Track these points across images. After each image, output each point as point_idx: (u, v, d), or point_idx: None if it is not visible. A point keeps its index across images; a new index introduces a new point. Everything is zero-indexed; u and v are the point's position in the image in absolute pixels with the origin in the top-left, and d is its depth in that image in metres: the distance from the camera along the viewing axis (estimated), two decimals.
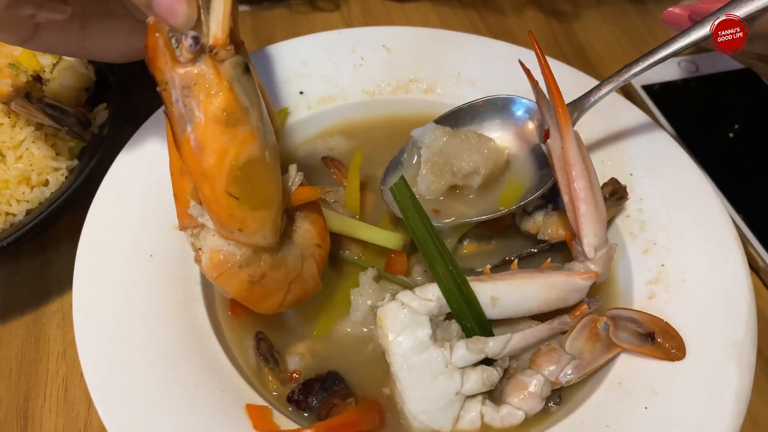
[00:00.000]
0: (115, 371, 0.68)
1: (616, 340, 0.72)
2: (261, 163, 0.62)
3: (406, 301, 0.70)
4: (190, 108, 0.58)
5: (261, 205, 0.63)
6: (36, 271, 0.87)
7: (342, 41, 0.99)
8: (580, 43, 1.22)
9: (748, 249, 0.92)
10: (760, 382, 0.82)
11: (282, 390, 0.72)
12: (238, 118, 0.59)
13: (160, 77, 0.58)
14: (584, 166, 0.75)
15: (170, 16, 0.56)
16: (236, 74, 0.59)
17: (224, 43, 0.57)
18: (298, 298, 0.71)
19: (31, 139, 0.85)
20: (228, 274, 0.65)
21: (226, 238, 0.64)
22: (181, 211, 0.66)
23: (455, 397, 0.68)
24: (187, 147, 0.59)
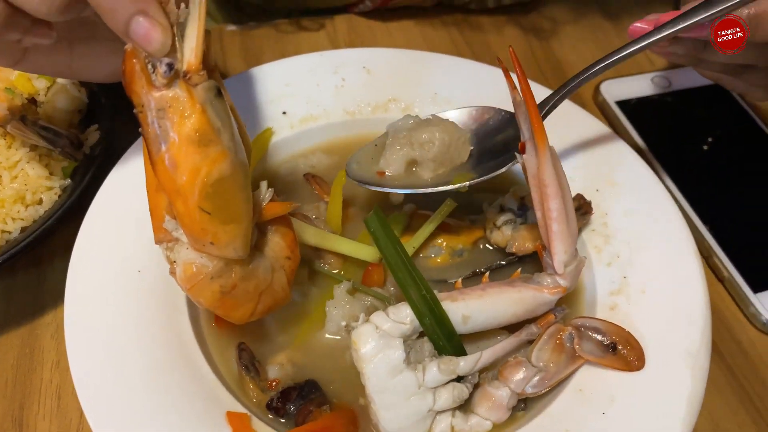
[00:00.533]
0: (104, 380, 0.71)
1: (580, 351, 0.76)
2: (232, 179, 0.66)
3: (379, 324, 0.71)
4: (164, 129, 0.62)
5: (232, 220, 0.67)
6: (31, 285, 0.91)
7: (324, 63, 1.03)
8: (558, 61, 1.26)
9: (714, 260, 0.96)
10: (722, 388, 0.86)
11: (262, 398, 0.76)
12: (210, 138, 0.63)
13: (136, 100, 0.62)
14: (558, 185, 0.75)
15: (146, 43, 0.60)
16: (208, 97, 0.63)
17: (197, 69, 0.62)
18: (269, 307, 0.75)
19: (26, 160, 0.89)
20: (200, 285, 0.69)
21: (198, 251, 0.68)
22: (157, 225, 0.69)
23: (427, 414, 0.72)
24: (162, 165, 0.63)
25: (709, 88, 1.19)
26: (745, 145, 1.13)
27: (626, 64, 1.23)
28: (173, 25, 0.61)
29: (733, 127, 1.15)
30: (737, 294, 0.94)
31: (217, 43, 1.24)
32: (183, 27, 0.62)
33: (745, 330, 0.92)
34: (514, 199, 0.91)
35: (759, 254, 0.97)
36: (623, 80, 1.19)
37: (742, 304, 0.93)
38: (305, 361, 0.79)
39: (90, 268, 0.80)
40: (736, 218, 1.02)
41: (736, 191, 1.06)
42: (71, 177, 0.93)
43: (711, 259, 0.96)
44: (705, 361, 0.75)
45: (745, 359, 0.89)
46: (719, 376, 0.87)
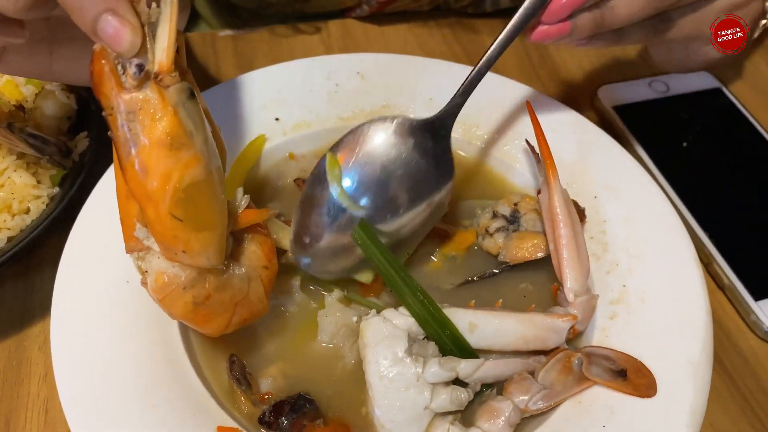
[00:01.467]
0: (91, 394, 0.70)
1: (588, 374, 0.74)
2: (205, 185, 0.63)
3: (388, 317, 0.74)
4: (135, 132, 0.59)
5: (205, 227, 0.64)
6: (19, 296, 0.89)
7: (317, 68, 1.02)
8: (554, 65, 1.25)
9: (714, 267, 0.94)
10: (723, 397, 0.85)
11: (254, 411, 0.74)
12: (182, 142, 0.61)
13: (105, 102, 0.59)
14: (569, 216, 0.81)
15: (115, 42, 0.57)
16: (181, 99, 0.61)
17: (169, 70, 0.59)
18: (245, 319, 0.73)
19: (13, 168, 0.87)
20: (172, 296, 0.67)
21: (171, 260, 0.66)
22: (128, 234, 0.67)
23: (423, 412, 0.71)
24: (132, 170, 0.60)
25: (708, 92, 1.18)
26: (744, 150, 1.11)
27: (623, 69, 1.24)
28: (144, 25, 0.59)
29: (732, 132, 1.14)
30: (738, 302, 0.92)
31: (209, 48, 1.23)
32: (154, 27, 0.59)
33: (746, 338, 0.91)
34: (508, 205, 0.90)
35: (760, 261, 0.96)
36: (621, 85, 1.18)
37: (743, 312, 0.92)
38: (297, 374, 0.78)
39: (78, 278, 0.78)
40: (736, 224, 1.00)
41: (736, 197, 1.05)
42: (59, 185, 0.91)
43: (711, 266, 0.95)
44: (707, 372, 0.73)
45: (747, 368, 0.88)
46: (720, 385, 0.86)
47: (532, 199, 0.91)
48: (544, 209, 0.84)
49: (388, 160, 0.78)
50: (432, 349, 0.75)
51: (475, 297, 0.83)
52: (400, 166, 0.78)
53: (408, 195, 0.79)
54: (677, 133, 1.13)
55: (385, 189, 0.78)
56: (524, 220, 0.89)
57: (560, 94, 1.02)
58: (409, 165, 0.78)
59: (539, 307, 0.82)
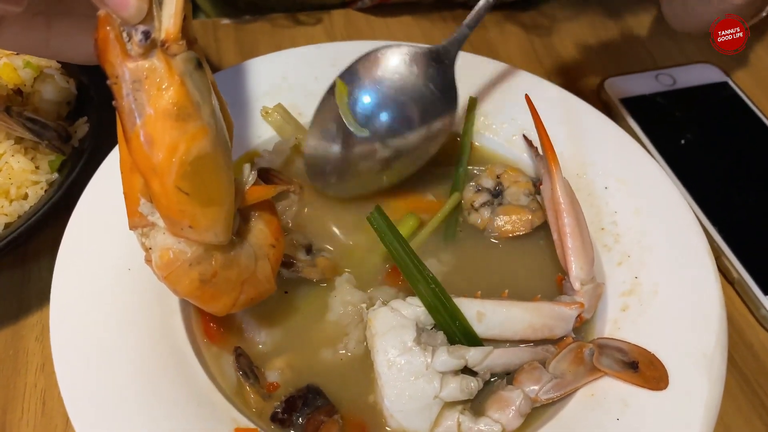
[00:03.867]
0: (91, 385, 0.68)
1: (599, 365, 0.73)
2: (212, 158, 0.61)
3: (396, 307, 0.73)
4: (140, 102, 0.57)
5: (212, 202, 0.62)
6: (16, 285, 0.87)
7: (322, 55, 1.00)
8: (560, 56, 1.24)
9: (723, 261, 0.93)
10: (734, 393, 0.84)
11: (263, 405, 0.72)
12: (189, 113, 0.58)
13: (110, 71, 0.57)
14: (571, 205, 0.81)
15: (120, 8, 0.55)
16: (188, 69, 0.58)
17: (176, 38, 0.57)
18: (251, 298, 0.71)
19: (11, 153, 0.85)
20: (178, 273, 0.64)
21: (176, 236, 0.63)
22: (131, 209, 0.64)
23: (433, 401, 0.70)
24: (137, 141, 0.58)
25: (715, 85, 1.17)
26: (751, 144, 1.10)
27: (630, 62, 1.23)
28: (151, 11, 0.56)
29: (739, 125, 1.13)
30: (748, 296, 0.91)
31: (210, 37, 1.21)
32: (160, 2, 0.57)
33: (756, 333, 0.90)
34: (491, 178, 0.91)
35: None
36: (627, 78, 1.17)
37: (752, 307, 0.91)
38: (305, 364, 0.76)
39: (77, 266, 0.76)
40: (745, 218, 0.99)
41: (745, 190, 1.04)
42: (58, 171, 0.89)
43: (720, 260, 0.94)
44: (722, 365, 0.72)
45: (757, 363, 0.87)
46: (730, 380, 0.84)
47: (515, 170, 0.91)
48: (547, 200, 0.84)
49: (394, 86, 0.87)
50: (440, 338, 0.74)
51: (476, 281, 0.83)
52: (405, 92, 0.87)
53: (411, 118, 0.88)
54: (684, 126, 1.12)
55: (390, 112, 0.87)
56: (508, 194, 0.89)
57: (566, 86, 1.01)
58: (414, 91, 0.87)
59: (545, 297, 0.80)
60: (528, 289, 0.82)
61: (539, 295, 0.80)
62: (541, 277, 0.85)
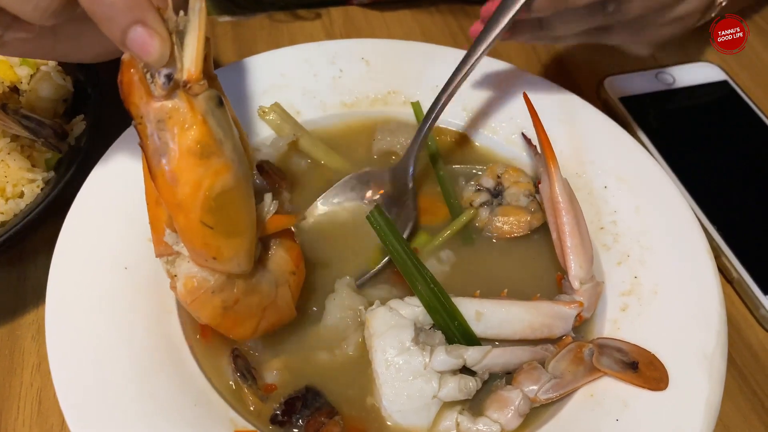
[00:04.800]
0: (87, 385, 0.67)
1: (599, 365, 0.73)
2: (235, 192, 0.63)
3: (394, 307, 0.74)
4: (164, 141, 0.59)
5: (235, 234, 0.64)
6: (12, 283, 0.87)
7: (321, 53, 1.00)
8: (559, 55, 1.23)
9: (722, 260, 0.93)
10: (733, 393, 0.83)
11: (261, 407, 0.71)
12: (212, 150, 0.60)
13: (135, 112, 0.59)
14: (570, 204, 0.81)
15: (144, 53, 0.56)
16: (209, 107, 0.60)
17: (198, 79, 0.58)
18: (272, 324, 0.72)
19: (7, 151, 0.85)
20: (202, 300, 0.66)
21: (200, 266, 0.65)
22: (157, 238, 0.66)
23: (431, 401, 0.70)
24: (163, 179, 0.60)
25: (714, 84, 1.17)
26: (751, 143, 1.10)
27: (630, 60, 1.22)
28: (172, 33, 0.58)
29: (739, 124, 1.13)
30: (747, 295, 0.91)
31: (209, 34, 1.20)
32: (182, 35, 0.58)
33: (755, 333, 0.89)
34: (491, 178, 0.91)
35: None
36: (627, 76, 1.17)
37: (752, 306, 0.90)
38: (302, 366, 0.75)
39: (74, 265, 0.76)
40: (744, 217, 0.99)
41: (744, 189, 1.03)
42: (55, 169, 0.88)
43: (719, 259, 0.93)
44: (722, 364, 0.72)
45: (756, 363, 0.87)
46: (729, 380, 0.83)
47: (516, 170, 0.91)
48: (546, 199, 0.83)
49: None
50: (439, 338, 0.74)
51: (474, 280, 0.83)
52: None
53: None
54: (683, 125, 1.12)
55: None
56: (508, 194, 0.89)
57: (566, 84, 1.00)
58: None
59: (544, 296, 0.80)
60: (527, 289, 0.82)
61: (539, 294, 0.80)
62: (541, 277, 0.85)
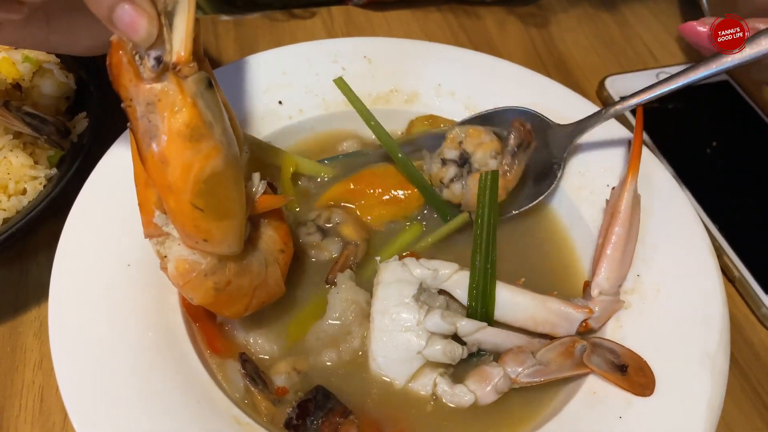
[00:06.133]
0: (90, 381, 0.67)
1: (587, 361, 0.73)
2: (225, 175, 0.63)
3: (407, 264, 0.76)
4: (154, 124, 0.58)
5: (225, 216, 0.64)
6: (14, 280, 0.87)
7: (323, 52, 1.00)
8: (560, 54, 1.24)
9: (724, 259, 0.93)
10: (735, 392, 0.83)
11: (274, 411, 0.70)
12: (201, 133, 0.60)
13: (124, 94, 0.58)
14: (629, 219, 0.80)
15: (131, 31, 0.56)
16: (199, 90, 0.59)
17: (187, 61, 0.58)
18: (263, 302, 0.73)
19: (9, 148, 0.85)
20: (194, 282, 0.66)
21: (191, 248, 0.65)
22: (146, 220, 0.66)
23: (415, 356, 0.72)
24: (152, 161, 0.60)
25: (715, 85, 1.17)
26: (752, 143, 1.10)
27: (631, 60, 1.23)
28: (161, 14, 0.57)
29: (740, 124, 1.13)
30: (748, 294, 0.91)
31: (210, 33, 1.21)
32: (171, 16, 0.57)
33: (756, 332, 0.90)
34: (453, 147, 0.87)
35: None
36: (628, 76, 1.17)
37: (753, 305, 0.91)
38: (309, 366, 0.75)
39: (76, 262, 0.76)
40: (746, 217, 0.99)
41: (745, 189, 1.03)
42: (57, 166, 0.88)
43: (721, 258, 0.93)
44: (724, 363, 0.72)
45: (758, 362, 0.87)
46: (731, 379, 0.82)
47: (476, 131, 0.87)
48: (610, 203, 0.83)
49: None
50: (440, 302, 0.76)
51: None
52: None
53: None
54: (684, 125, 1.12)
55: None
56: (474, 160, 0.85)
57: (567, 83, 1.01)
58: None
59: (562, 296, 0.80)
60: (551, 286, 0.82)
61: (555, 292, 0.79)
62: (568, 277, 0.85)
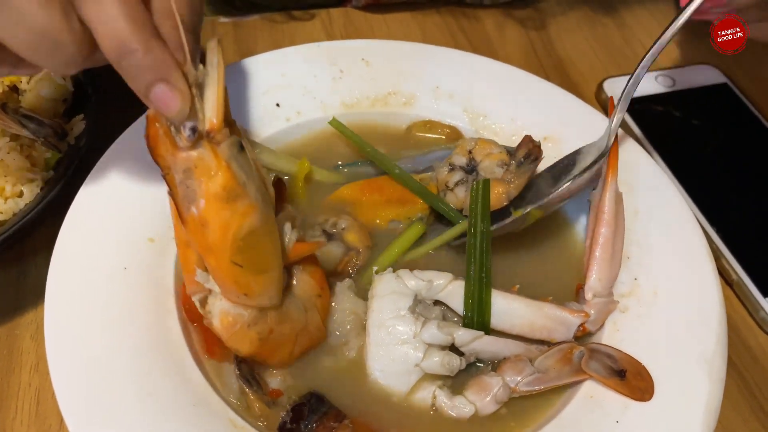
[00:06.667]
0: (86, 385, 0.67)
1: (586, 367, 0.73)
2: (261, 230, 0.66)
3: (401, 276, 0.76)
4: (192, 189, 0.62)
5: (264, 270, 0.67)
6: (10, 283, 0.86)
7: (321, 54, 1.00)
8: (558, 56, 1.24)
9: (722, 262, 0.93)
10: (733, 395, 0.83)
11: (268, 413, 0.71)
12: (237, 194, 0.63)
13: (162, 163, 0.63)
14: (614, 218, 0.80)
15: (166, 108, 0.59)
16: (232, 153, 0.63)
17: (219, 128, 0.62)
18: (305, 348, 0.75)
19: (6, 150, 0.84)
20: (239, 334, 0.69)
21: (233, 303, 0.68)
22: (189, 278, 0.69)
23: (413, 369, 0.72)
24: (193, 224, 0.64)
25: (714, 87, 1.17)
26: (750, 145, 1.10)
27: (630, 63, 1.23)
28: (192, 86, 0.60)
29: (738, 126, 1.13)
30: (747, 298, 0.91)
31: (209, 34, 1.20)
32: (202, 87, 0.62)
33: (754, 335, 0.89)
34: (462, 155, 0.89)
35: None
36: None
37: (751, 309, 0.90)
38: (304, 371, 0.75)
39: (73, 265, 0.75)
40: (744, 220, 0.99)
41: (744, 192, 1.03)
42: (54, 169, 0.88)
43: (719, 261, 0.93)
44: (722, 367, 0.72)
45: (756, 365, 0.86)
46: (729, 382, 0.82)
47: (486, 142, 0.89)
48: (593, 204, 0.83)
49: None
50: (435, 313, 0.75)
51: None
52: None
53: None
54: (683, 128, 1.12)
55: None
56: (482, 168, 0.87)
57: (565, 86, 1.01)
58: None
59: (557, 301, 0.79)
60: (544, 291, 0.81)
61: (551, 298, 0.79)
62: (562, 282, 0.85)
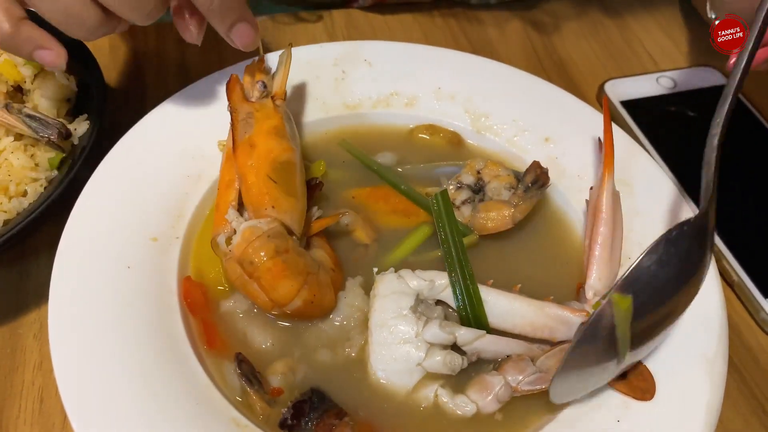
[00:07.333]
0: (90, 383, 0.67)
1: None
2: (294, 167, 0.81)
3: (403, 276, 0.77)
4: (250, 124, 0.82)
5: (292, 194, 0.79)
6: (14, 282, 0.87)
7: (324, 55, 1.00)
8: (560, 58, 1.24)
9: (723, 263, 0.93)
10: (733, 396, 0.83)
11: (269, 412, 0.71)
12: (283, 134, 0.82)
13: (232, 105, 0.84)
14: (612, 217, 0.81)
15: (244, 39, 0.83)
16: (285, 112, 0.85)
17: (280, 95, 0.86)
18: (312, 297, 0.75)
19: (10, 150, 0.85)
20: (259, 242, 0.73)
21: (258, 217, 0.76)
22: (219, 218, 0.79)
23: (415, 368, 0.72)
24: (244, 146, 0.80)
25: (715, 89, 1.17)
26: (751, 147, 1.10)
27: (631, 65, 1.23)
28: (267, 73, 0.88)
29: (739, 128, 1.12)
30: (747, 299, 0.91)
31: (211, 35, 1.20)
32: (273, 73, 0.89)
33: (755, 336, 0.90)
34: (471, 174, 0.90)
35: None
36: (628, 80, 1.17)
37: (752, 309, 0.91)
38: (305, 368, 0.75)
39: (76, 264, 0.76)
40: (744, 221, 0.99)
41: (744, 193, 1.03)
42: (58, 168, 0.88)
43: (720, 262, 0.94)
44: (723, 367, 0.72)
45: (756, 366, 0.87)
46: (729, 383, 0.83)
47: (495, 164, 0.90)
48: (591, 204, 0.84)
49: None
50: (437, 312, 0.76)
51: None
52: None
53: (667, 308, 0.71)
54: (684, 129, 1.12)
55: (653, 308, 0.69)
56: (489, 189, 0.88)
57: (567, 87, 1.01)
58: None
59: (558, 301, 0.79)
60: (545, 290, 0.81)
61: (552, 297, 0.79)
62: (563, 282, 0.85)
